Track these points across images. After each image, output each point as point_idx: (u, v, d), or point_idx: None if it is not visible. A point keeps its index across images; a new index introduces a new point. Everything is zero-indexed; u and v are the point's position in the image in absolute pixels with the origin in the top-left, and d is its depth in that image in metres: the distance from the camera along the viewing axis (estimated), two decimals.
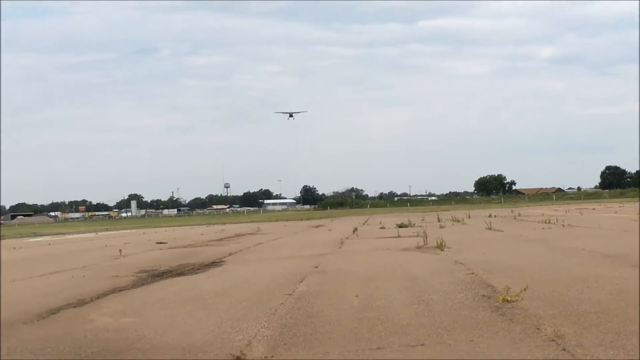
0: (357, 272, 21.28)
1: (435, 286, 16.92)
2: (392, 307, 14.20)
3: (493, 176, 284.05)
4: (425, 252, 27.05)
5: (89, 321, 14.38)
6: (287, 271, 22.43)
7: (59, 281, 23.16)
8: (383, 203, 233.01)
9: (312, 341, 11.37)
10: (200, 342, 11.64)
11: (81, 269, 27.57)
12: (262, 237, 50.79)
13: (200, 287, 19.67)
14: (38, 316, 15.30)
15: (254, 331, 12.43)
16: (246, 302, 15.82)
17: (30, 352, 11.54)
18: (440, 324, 12.16)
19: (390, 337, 11.35)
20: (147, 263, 29.02)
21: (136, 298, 17.95)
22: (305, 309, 14.53)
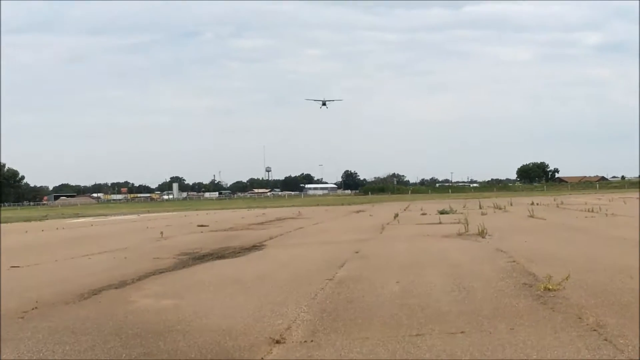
0: (397, 258, 21.24)
1: (476, 273, 16.85)
2: (433, 294, 14.16)
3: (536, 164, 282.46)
4: (466, 239, 26.94)
5: (130, 302, 14.47)
6: (328, 256, 22.43)
7: (101, 262, 23.31)
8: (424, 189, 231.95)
9: (352, 326, 11.36)
10: (240, 325, 11.66)
11: (123, 250, 27.75)
12: (302, 221, 50.84)
13: (240, 270, 19.72)
14: (80, 296, 15.41)
15: (294, 315, 12.43)
16: (286, 287, 15.84)
17: (71, 332, 11.62)
18: (480, 312, 12.10)
19: (430, 323, 11.32)
20: (188, 245, 29.15)
21: (177, 280, 18.02)
22: (345, 294, 14.52)
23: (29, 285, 17.69)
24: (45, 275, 20.00)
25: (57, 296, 15.53)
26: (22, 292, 16.41)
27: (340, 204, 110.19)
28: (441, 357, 9.25)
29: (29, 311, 13.69)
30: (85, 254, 26.24)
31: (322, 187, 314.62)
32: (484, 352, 9.44)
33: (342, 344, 10.19)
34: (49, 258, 25.17)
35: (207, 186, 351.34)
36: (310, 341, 10.42)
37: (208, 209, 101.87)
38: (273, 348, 10.09)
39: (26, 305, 14.38)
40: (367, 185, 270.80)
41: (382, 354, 9.50)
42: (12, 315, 13.28)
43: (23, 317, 13.07)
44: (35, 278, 19.24)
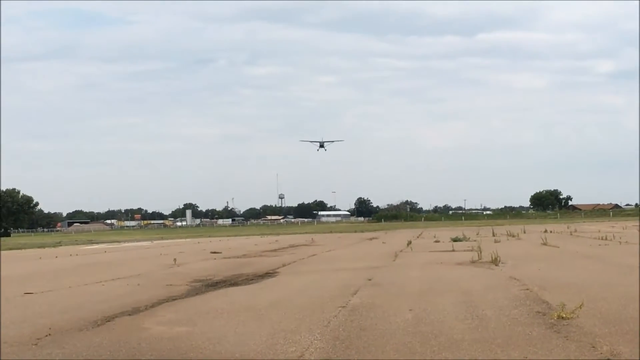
0: (410, 285, 21.23)
1: (489, 301, 16.82)
2: (446, 322, 14.14)
3: (549, 191, 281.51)
4: (479, 267, 26.91)
5: (143, 329, 14.48)
6: (341, 283, 22.43)
7: (114, 288, 23.35)
8: (437, 216, 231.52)
9: (365, 354, 11.35)
10: (253, 353, 11.67)
11: (136, 277, 27.78)
12: (316, 248, 50.85)
13: (253, 297, 19.73)
14: (93, 323, 15.44)
15: (307, 343, 12.44)
16: (299, 314, 15.84)
17: (85, 359, 11.65)
18: (494, 340, 12.08)
19: (443, 351, 11.31)
20: (201, 272, 29.17)
21: (190, 307, 18.04)
22: (358, 322, 14.52)
23: (43, 311, 17.74)
24: (59, 301, 20.04)
25: (70, 323, 15.56)
26: (35, 318, 16.46)
27: (353, 231, 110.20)
28: None
29: (43, 338, 13.72)
30: (99, 281, 26.28)
31: (335, 214, 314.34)
32: None
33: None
34: (62, 285, 25.22)
35: (220, 213, 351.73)
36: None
37: (221, 236, 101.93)
38: None
39: (40, 331, 14.42)
40: (380, 212, 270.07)
41: None
42: (26, 342, 13.32)
43: (37, 344, 13.11)
44: (49, 305, 19.28)
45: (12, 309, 18.60)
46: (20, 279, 29.42)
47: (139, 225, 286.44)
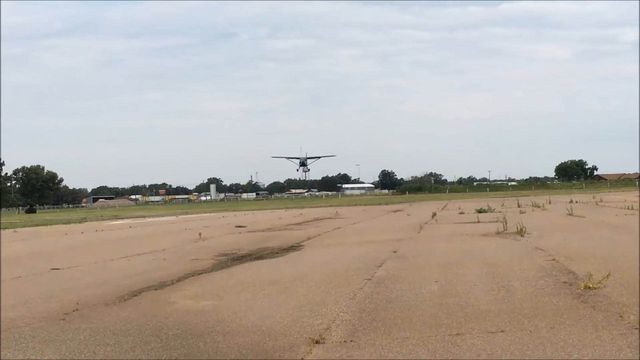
0: (436, 257, 21.20)
1: (515, 272, 16.77)
2: (472, 293, 14.11)
3: (574, 161, 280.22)
4: (505, 238, 26.83)
5: (169, 303, 14.54)
6: (366, 256, 22.42)
7: (140, 263, 23.44)
8: (462, 188, 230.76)
9: (391, 326, 11.34)
10: (279, 326, 11.68)
11: (162, 251, 27.88)
12: (340, 221, 50.87)
13: (279, 270, 19.75)
14: (120, 298, 15.51)
15: (333, 315, 12.44)
16: (325, 287, 15.85)
17: (112, 333, 11.69)
18: (520, 311, 12.05)
19: (470, 323, 11.28)
20: (226, 246, 29.24)
21: (216, 281, 18.08)
22: (384, 294, 14.51)
23: (70, 287, 17.83)
24: (86, 277, 20.14)
25: (97, 298, 15.64)
26: (63, 294, 16.55)
27: (378, 203, 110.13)
28: (481, 357, 9.21)
29: (70, 313, 13.80)
30: (125, 256, 26.39)
31: (359, 187, 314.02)
32: (524, 351, 9.39)
33: (382, 343, 10.18)
34: (88, 260, 25.34)
35: (244, 187, 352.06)
36: (350, 341, 10.42)
37: (246, 210, 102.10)
38: (313, 348, 10.09)
39: (67, 307, 14.51)
40: (405, 184, 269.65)
41: (422, 354, 9.48)
42: (54, 317, 13.40)
43: (64, 319, 13.18)
44: (76, 280, 19.38)
45: (39, 284, 18.72)
46: (47, 255, 29.60)
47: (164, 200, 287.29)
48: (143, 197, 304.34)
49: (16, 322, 13.01)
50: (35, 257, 28.34)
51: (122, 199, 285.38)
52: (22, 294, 16.84)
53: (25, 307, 14.75)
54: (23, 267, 23.36)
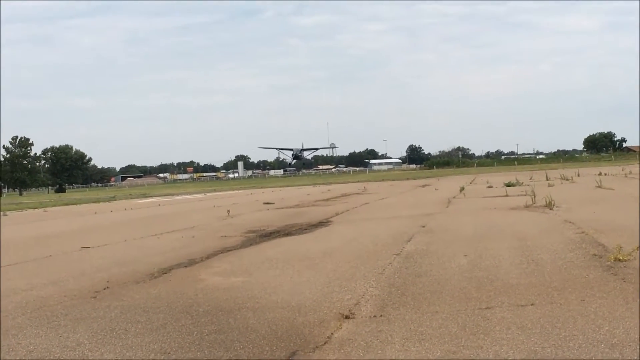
0: (464, 231, 21.17)
1: (544, 245, 16.72)
2: (501, 267, 14.09)
3: (602, 133, 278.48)
4: (533, 211, 26.74)
5: (199, 280, 14.59)
6: (394, 231, 22.42)
7: (170, 241, 23.54)
8: (490, 162, 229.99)
9: (421, 300, 11.35)
10: (309, 302, 11.72)
11: (190, 229, 27.98)
12: (368, 196, 50.87)
13: (307, 247, 19.78)
14: (150, 275, 15.59)
15: (362, 290, 12.46)
16: (354, 262, 15.87)
17: (143, 310, 11.76)
18: (550, 284, 12.02)
19: (499, 296, 11.27)
20: (254, 223, 29.32)
21: (245, 258, 18.13)
22: (413, 269, 14.52)
23: (100, 265, 17.94)
24: (115, 255, 20.25)
25: (127, 276, 15.73)
26: (93, 272, 16.65)
27: (406, 178, 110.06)
28: (511, 330, 9.21)
29: (101, 291, 13.89)
30: (154, 234, 26.52)
31: (386, 162, 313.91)
32: (554, 323, 9.38)
33: (412, 317, 10.19)
34: (118, 238, 25.48)
35: (272, 164, 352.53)
36: (379, 316, 10.44)
37: (273, 187, 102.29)
38: (343, 323, 10.12)
39: (98, 285, 14.60)
40: (432, 159, 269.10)
41: (452, 327, 9.49)
42: (85, 295, 13.49)
43: (95, 297, 13.27)
44: (106, 258, 19.49)
45: (70, 263, 18.84)
46: (77, 233, 29.80)
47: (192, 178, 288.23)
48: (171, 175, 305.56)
49: (48, 301, 13.12)
50: (65, 236, 28.53)
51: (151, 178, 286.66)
52: (53, 272, 16.96)
53: (56, 285, 14.87)
54: (53, 246, 23.52)
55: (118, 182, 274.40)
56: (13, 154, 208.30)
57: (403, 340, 9.04)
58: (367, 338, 9.23)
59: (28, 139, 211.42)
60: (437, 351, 8.47)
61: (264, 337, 9.59)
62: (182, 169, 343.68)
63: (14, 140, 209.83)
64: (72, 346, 9.59)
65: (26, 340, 10.09)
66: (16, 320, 11.56)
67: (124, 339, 9.84)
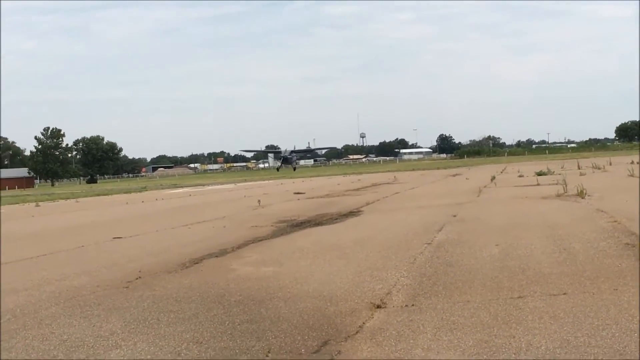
0: (496, 220, 21.09)
1: (576, 234, 16.63)
2: (533, 256, 14.03)
3: (635, 122, 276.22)
4: (565, 200, 26.59)
5: (231, 270, 14.63)
6: (425, 220, 22.37)
7: (201, 231, 23.62)
8: (521, 151, 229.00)
9: (452, 290, 11.34)
10: (340, 291, 11.72)
11: (221, 219, 28.06)
12: (398, 186, 50.78)
13: (338, 236, 19.78)
14: (182, 265, 15.65)
15: (394, 280, 12.46)
16: (385, 252, 15.86)
17: (175, 300, 11.81)
18: (582, 273, 11.96)
19: (531, 285, 11.23)
20: (285, 213, 29.36)
21: (276, 248, 18.16)
22: (444, 258, 14.49)
23: (132, 255, 18.03)
24: (147, 245, 20.35)
25: (159, 266, 15.80)
26: (125, 262, 16.74)
27: (436, 168, 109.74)
28: (544, 319, 9.17)
29: (133, 281, 13.96)
30: (185, 224, 26.61)
31: (417, 152, 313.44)
32: (587, 313, 9.33)
33: (444, 307, 10.18)
34: (150, 228, 25.60)
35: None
36: (411, 305, 10.43)
37: (304, 177, 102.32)
38: (374, 313, 10.12)
39: (130, 275, 14.68)
40: (463, 148, 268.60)
41: (484, 317, 9.47)
42: (118, 285, 13.57)
43: (128, 287, 13.34)
44: (138, 248, 19.59)
45: (102, 253, 18.95)
46: (109, 224, 29.95)
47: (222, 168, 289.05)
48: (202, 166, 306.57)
49: (81, 291, 13.20)
50: (97, 227, 28.70)
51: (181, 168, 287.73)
52: (85, 263, 17.07)
53: (89, 275, 14.95)
54: (85, 237, 23.66)
55: (149, 172, 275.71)
56: (45, 145, 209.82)
57: (435, 329, 9.04)
58: (399, 327, 9.23)
59: (60, 130, 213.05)
60: (469, 340, 8.45)
61: (295, 326, 9.62)
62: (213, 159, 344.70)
63: (46, 132, 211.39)
64: (106, 335, 9.66)
65: (60, 329, 10.16)
66: (50, 310, 11.64)
67: (157, 329, 9.90)
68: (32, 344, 9.43)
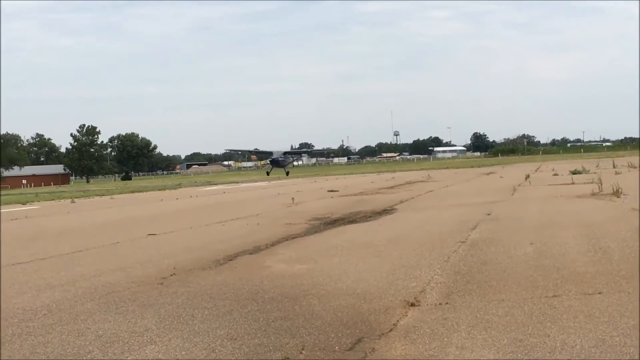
0: (530, 219, 21.01)
1: (612, 233, 16.53)
2: (568, 255, 13.97)
3: None
4: (600, 199, 26.43)
5: (264, 267, 14.66)
6: (459, 218, 22.33)
7: (234, 228, 23.68)
8: (555, 149, 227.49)
9: (487, 288, 11.31)
10: (374, 289, 11.72)
11: (255, 216, 28.13)
12: (432, 184, 50.69)
13: (372, 234, 19.78)
14: (216, 262, 15.69)
15: (428, 278, 12.44)
16: (419, 250, 15.84)
17: (209, 297, 11.85)
18: (618, 272, 11.89)
19: (566, 284, 11.18)
20: (319, 211, 29.38)
21: (310, 245, 18.19)
22: (478, 256, 14.45)
23: (166, 252, 18.10)
24: (182, 242, 20.43)
25: (193, 262, 15.85)
26: (160, 258, 16.81)
27: (470, 166, 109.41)
28: (579, 318, 9.13)
29: (168, 277, 14.02)
30: (219, 221, 26.68)
31: (450, 150, 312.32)
32: (622, 312, 9.28)
33: (478, 305, 10.15)
34: (184, 225, 25.70)
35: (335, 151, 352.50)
36: (445, 303, 10.41)
37: (337, 175, 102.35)
38: (408, 311, 10.11)
39: (165, 271, 14.74)
40: (497, 146, 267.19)
41: (519, 315, 9.43)
42: (152, 281, 13.63)
43: (162, 283, 13.40)
44: (172, 245, 19.67)
45: (137, 250, 19.05)
46: (144, 220, 30.13)
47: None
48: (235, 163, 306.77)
49: (116, 287, 13.27)
50: (132, 223, 28.86)
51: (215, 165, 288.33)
52: (120, 259, 17.16)
53: (124, 272, 15.03)
54: (120, 233, 23.80)
55: (183, 169, 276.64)
56: (81, 142, 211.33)
57: (469, 327, 9.02)
58: (433, 325, 9.22)
59: (95, 127, 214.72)
60: (504, 339, 8.43)
61: (329, 323, 9.62)
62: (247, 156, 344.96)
63: (82, 129, 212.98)
64: (140, 331, 9.71)
65: (95, 325, 10.23)
66: (85, 305, 11.72)
67: (191, 325, 9.94)
68: (68, 339, 9.50)
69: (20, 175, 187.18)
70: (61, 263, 17.03)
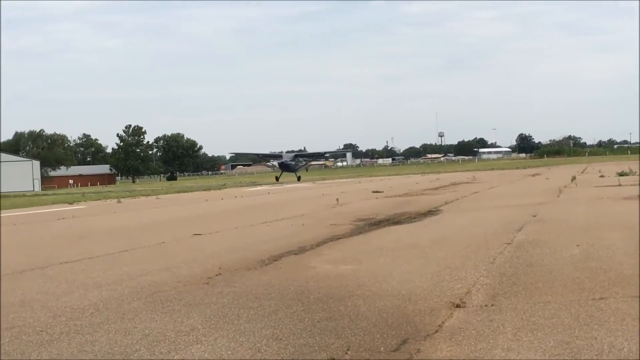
0: (576, 221, 20.87)
1: None
2: (615, 257, 13.86)
3: None
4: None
5: (309, 268, 14.68)
6: (505, 220, 22.23)
7: (280, 229, 23.73)
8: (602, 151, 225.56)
9: (533, 290, 11.25)
10: (419, 290, 11.70)
11: (300, 217, 28.17)
12: (477, 185, 50.50)
13: (417, 235, 19.75)
14: (261, 262, 15.73)
15: (473, 279, 12.40)
16: (464, 251, 15.79)
17: (254, 297, 11.89)
18: None
19: (613, 287, 11.09)
20: (363, 211, 29.36)
21: (354, 246, 18.19)
22: (524, 258, 14.38)
23: (212, 252, 18.16)
24: (227, 242, 20.50)
25: (239, 262, 15.90)
26: (205, 258, 16.88)
27: (515, 167, 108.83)
28: (626, 321, 9.06)
29: (213, 277, 14.07)
30: (264, 221, 26.74)
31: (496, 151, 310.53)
32: None
33: (524, 307, 10.10)
34: (229, 225, 25.78)
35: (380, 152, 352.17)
36: (490, 305, 10.37)
37: (382, 175, 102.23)
38: (454, 312, 10.08)
39: (210, 271, 14.81)
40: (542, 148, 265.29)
41: (565, 318, 9.38)
42: (198, 282, 13.69)
43: (208, 283, 13.46)
44: (217, 245, 19.74)
45: (182, 249, 19.14)
46: (189, 220, 30.24)
47: None
48: None
49: (162, 286, 13.35)
50: (177, 223, 29.00)
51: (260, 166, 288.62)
52: (166, 259, 17.26)
53: (169, 271, 15.12)
54: (166, 233, 23.93)
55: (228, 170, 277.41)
56: (127, 143, 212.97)
57: (515, 329, 8.98)
58: (479, 327, 9.19)
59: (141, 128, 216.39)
60: (550, 341, 8.38)
61: (374, 324, 9.62)
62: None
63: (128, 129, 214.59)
64: (186, 331, 9.76)
65: (142, 324, 10.30)
66: (132, 304, 11.81)
67: (236, 325, 9.98)
68: (115, 338, 9.57)
69: (67, 175, 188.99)
70: (108, 262, 17.16)
